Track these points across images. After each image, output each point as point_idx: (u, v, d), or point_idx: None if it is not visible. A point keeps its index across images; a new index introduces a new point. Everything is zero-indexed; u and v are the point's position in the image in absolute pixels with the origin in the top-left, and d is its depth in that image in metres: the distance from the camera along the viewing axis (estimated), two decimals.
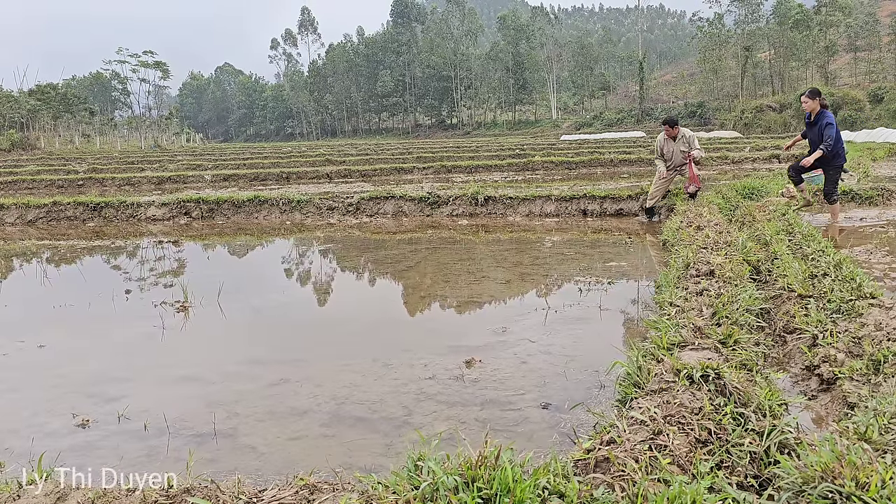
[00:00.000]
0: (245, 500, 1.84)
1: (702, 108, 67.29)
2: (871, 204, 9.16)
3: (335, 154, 28.54)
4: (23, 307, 5.55)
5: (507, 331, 4.23)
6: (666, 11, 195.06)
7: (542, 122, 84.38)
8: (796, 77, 66.65)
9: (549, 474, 1.80)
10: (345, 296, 5.88)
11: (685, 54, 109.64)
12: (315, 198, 10.86)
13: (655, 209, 9.14)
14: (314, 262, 7.46)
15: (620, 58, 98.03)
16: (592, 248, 7.47)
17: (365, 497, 1.78)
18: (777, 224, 6.25)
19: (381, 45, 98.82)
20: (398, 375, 3.52)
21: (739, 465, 2.00)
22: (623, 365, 2.81)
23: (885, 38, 62.04)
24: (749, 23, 67.01)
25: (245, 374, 3.64)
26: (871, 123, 43.36)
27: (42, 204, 11.06)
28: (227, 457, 2.66)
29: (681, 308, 3.54)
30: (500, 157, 22.97)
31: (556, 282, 5.68)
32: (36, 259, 7.83)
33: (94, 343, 4.38)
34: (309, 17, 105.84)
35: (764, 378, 2.69)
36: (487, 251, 7.50)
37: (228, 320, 4.82)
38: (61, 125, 66.80)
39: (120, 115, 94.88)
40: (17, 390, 3.52)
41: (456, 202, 10.41)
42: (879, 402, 2.28)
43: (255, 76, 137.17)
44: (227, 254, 8.42)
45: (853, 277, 3.87)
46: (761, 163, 20.16)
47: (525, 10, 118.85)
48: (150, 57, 72.36)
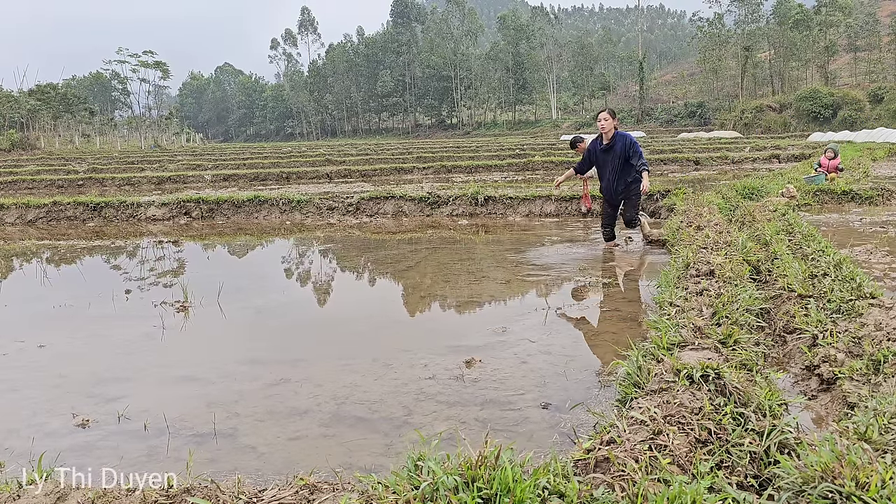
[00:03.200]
0: (245, 500, 1.84)
1: (702, 108, 67.32)
2: (871, 204, 9.16)
3: (335, 154, 28.54)
4: (23, 307, 5.54)
5: (506, 331, 4.23)
6: (666, 11, 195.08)
7: (542, 122, 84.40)
8: (796, 77, 66.68)
9: (549, 474, 1.80)
10: (345, 296, 5.88)
11: (685, 54, 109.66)
12: (315, 198, 10.86)
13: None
14: (314, 263, 7.46)
15: (620, 58, 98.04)
16: (592, 247, 7.47)
17: (365, 497, 1.78)
18: (777, 224, 6.26)
19: (381, 45, 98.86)
20: (398, 375, 3.52)
21: (739, 465, 2.00)
22: (623, 365, 2.81)
23: (885, 38, 62.07)
24: (749, 23, 67.05)
25: (245, 374, 3.64)
26: (871, 123, 43.39)
27: (42, 204, 11.06)
28: (227, 457, 2.66)
29: (681, 308, 3.54)
30: (500, 157, 22.98)
31: (555, 281, 5.68)
32: (36, 259, 7.83)
33: (94, 343, 4.38)
34: (309, 17, 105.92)
35: (764, 378, 2.69)
36: (487, 251, 7.50)
37: (228, 320, 4.82)
38: (61, 125, 66.83)
39: (120, 115, 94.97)
40: (17, 390, 3.52)
41: (456, 202, 10.41)
42: (879, 402, 2.28)
43: (255, 76, 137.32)
44: (227, 254, 8.42)
45: (853, 277, 3.87)
46: (761, 163, 20.17)
47: (525, 10, 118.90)
48: (150, 57, 72.42)
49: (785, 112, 54.88)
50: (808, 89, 55.06)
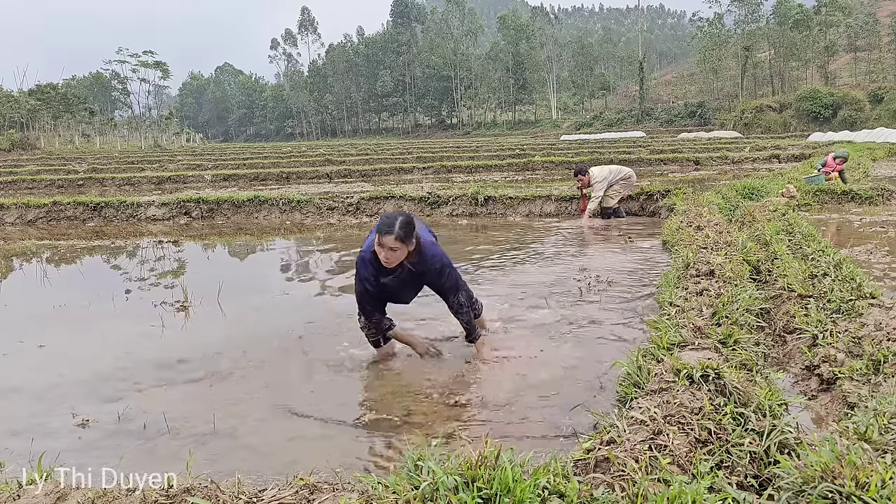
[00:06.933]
0: (245, 500, 1.84)
1: (702, 108, 67.28)
2: (871, 204, 9.15)
3: (335, 154, 28.54)
4: (23, 307, 5.54)
5: (506, 331, 4.24)
6: (666, 11, 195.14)
7: (542, 122, 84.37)
8: (796, 77, 66.69)
9: (549, 474, 1.80)
10: (345, 296, 5.87)
11: (685, 54, 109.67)
12: (315, 198, 10.86)
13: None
14: (315, 263, 7.45)
15: (620, 58, 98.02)
16: (592, 247, 7.46)
17: (365, 497, 1.78)
18: (777, 224, 6.25)
19: (381, 45, 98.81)
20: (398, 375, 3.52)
21: (739, 465, 2.00)
22: (623, 365, 2.81)
23: (885, 38, 62.08)
24: (749, 23, 67.06)
25: (245, 373, 3.64)
26: (871, 123, 43.36)
27: (42, 204, 11.05)
28: (227, 457, 2.66)
29: (681, 308, 3.54)
30: (500, 157, 22.98)
31: (555, 281, 5.67)
32: (36, 259, 7.83)
33: (93, 343, 4.38)
34: (309, 17, 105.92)
35: (764, 378, 2.69)
36: (487, 251, 7.49)
37: (228, 320, 4.82)
38: (61, 125, 66.82)
39: (120, 115, 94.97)
40: (17, 390, 3.52)
41: (456, 202, 10.41)
42: (879, 402, 2.28)
43: (255, 76, 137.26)
44: (227, 254, 8.42)
45: (853, 277, 3.87)
46: (761, 163, 20.16)
47: (525, 10, 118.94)
48: (150, 57, 72.51)
49: (785, 112, 54.86)
50: (808, 89, 55.06)
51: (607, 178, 9.10)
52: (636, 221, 9.27)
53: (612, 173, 9.21)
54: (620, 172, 9.29)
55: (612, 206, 9.28)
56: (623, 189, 9.33)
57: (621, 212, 9.47)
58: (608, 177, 9.12)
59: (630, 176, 9.35)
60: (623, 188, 9.32)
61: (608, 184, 9.11)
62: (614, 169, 9.37)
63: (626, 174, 9.31)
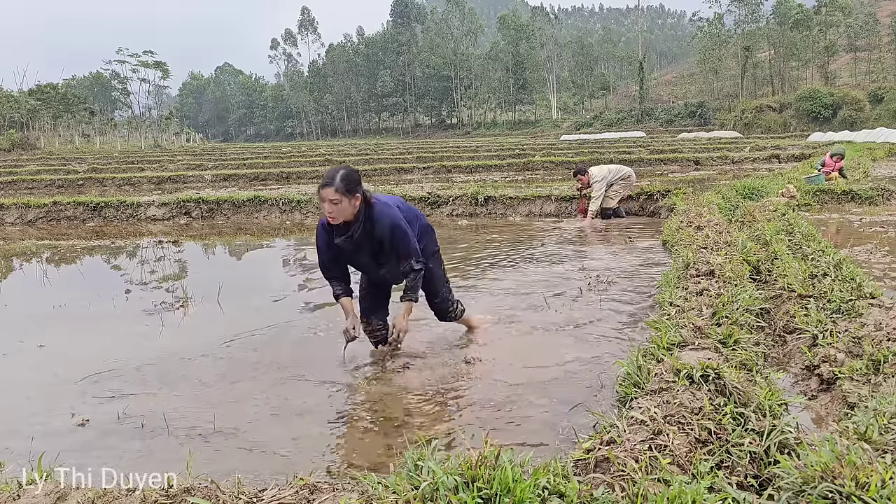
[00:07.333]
0: (245, 499, 1.84)
1: (702, 108, 67.27)
2: (871, 204, 9.15)
3: (335, 154, 28.54)
4: (23, 307, 5.54)
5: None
6: (666, 11, 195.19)
7: (542, 122, 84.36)
8: (796, 77, 66.69)
9: (549, 474, 1.80)
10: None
11: (685, 54, 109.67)
12: (315, 198, 10.86)
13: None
14: (315, 263, 7.45)
15: (620, 58, 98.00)
16: (592, 247, 7.46)
17: (365, 497, 1.78)
18: (777, 224, 6.25)
19: (381, 45, 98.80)
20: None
21: (739, 464, 2.00)
22: (623, 365, 2.81)
23: (885, 38, 62.08)
24: (749, 23, 67.07)
25: (245, 373, 3.63)
26: (871, 123, 43.35)
27: (42, 204, 11.05)
28: (227, 457, 2.66)
29: (681, 308, 3.54)
30: (500, 157, 22.98)
31: (555, 281, 5.67)
32: (36, 259, 7.83)
33: (93, 342, 4.38)
34: (309, 17, 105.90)
35: (764, 378, 2.69)
36: (487, 251, 7.49)
37: (228, 320, 4.82)
38: (61, 125, 66.80)
39: (120, 115, 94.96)
40: (18, 390, 3.52)
41: (456, 202, 10.41)
42: (879, 402, 2.28)
43: (255, 76, 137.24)
44: (227, 254, 8.42)
45: (853, 277, 3.86)
46: (761, 163, 20.16)
47: (525, 10, 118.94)
48: (150, 57, 72.52)
49: (785, 112, 54.85)
50: (808, 89, 55.05)
51: (606, 178, 9.11)
52: (636, 221, 9.27)
53: (612, 173, 9.22)
54: (620, 172, 9.29)
55: (612, 207, 9.30)
56: (623, 189, 9.33)
57: (621, 212, 9.48)
58: (607, 176, 9.13)
59: (629, 175, 9.35)
60: (623, 188, 9.32)
61: (607, 183, 9.12)
62: (613, 168, 9.38)
63: (626, 174, 9.31)
